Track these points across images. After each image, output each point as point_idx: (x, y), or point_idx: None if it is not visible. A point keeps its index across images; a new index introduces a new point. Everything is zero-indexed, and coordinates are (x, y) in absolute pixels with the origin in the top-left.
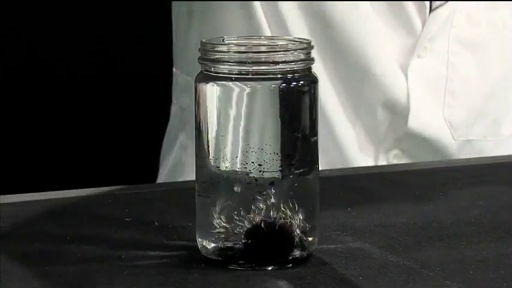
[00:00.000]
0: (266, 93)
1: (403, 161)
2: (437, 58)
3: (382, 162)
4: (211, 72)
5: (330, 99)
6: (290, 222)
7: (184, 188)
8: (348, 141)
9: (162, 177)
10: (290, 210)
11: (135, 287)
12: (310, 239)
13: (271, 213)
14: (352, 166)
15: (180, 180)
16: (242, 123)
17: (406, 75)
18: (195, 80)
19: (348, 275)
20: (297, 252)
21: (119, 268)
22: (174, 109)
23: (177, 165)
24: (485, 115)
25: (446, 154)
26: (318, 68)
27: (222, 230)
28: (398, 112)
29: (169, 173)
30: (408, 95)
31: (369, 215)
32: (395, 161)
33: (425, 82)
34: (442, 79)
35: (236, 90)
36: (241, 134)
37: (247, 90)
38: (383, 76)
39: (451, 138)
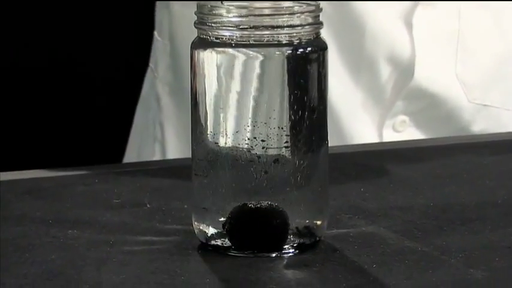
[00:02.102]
0: (270, 61)
1: (410, 129)
2: (447, 9)
3: (387, 130)
4: (209, 37)
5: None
6: (282, 208)
7: (180, 166)
8: (349, 103)
9: (133, 155)
10: (296, 190)
11: (125, 275)
12: (318, 222)
13: (273, 196)
14: (353, 133)
15: (155, 160)
16: (243, 94)
17: (411, 25)
18: (191, 47)
19: (361, 262)
20: (304, 238)
21: (106, 255)
22: (148, 80)
23: (151, 142)
24: (504, 80)
25: (459, 121)
26: None
27: (220, 212)
28: (403, 66)
29: (141, 151)
30: (413, 46)
31: (384, 196)
32: (401, 129)
33: (434, 34)
34: (453, 33)
35: (237, 57)
36: (242, 106)
37: (249, 57)
38: (385, 27)
39: (464, 100)
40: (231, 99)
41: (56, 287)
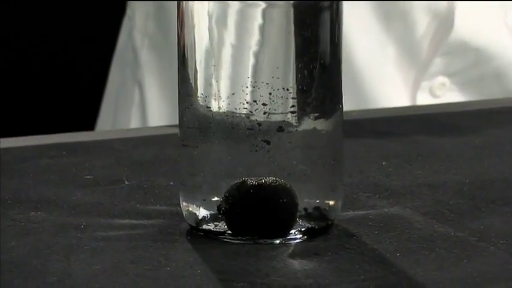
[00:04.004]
0: (272, 9)
1: (450, 93)
2: None
3: (422, 93)
4: None
5: (354, 11)
6: (289, 185)
7: (165, 135)
8: (378, 61)
9: (107, 121)
10: (304, 164)
11: (99, 265)
12: (331, 203)
13: (276, 170)
14: (381, 97)
15: (134, 127)
16: (241, 49)
17: None
18: None
19: (382, 250)
20: (313, 222)
21: (77, 241)
22: (125, 30)
23: (128, 105)
24: None
25: (510, 80)
26: None
27: (214, 191)
28: (441, 16)
29: (116, 116)
30: None
31: (411, 171)
32: (439, 93)
33: None
34: None
35: (233, 5)
36: (239, 63)
37: (247, 5)
38: None
39: None
40: (226, 54)
41: (17, 279)
